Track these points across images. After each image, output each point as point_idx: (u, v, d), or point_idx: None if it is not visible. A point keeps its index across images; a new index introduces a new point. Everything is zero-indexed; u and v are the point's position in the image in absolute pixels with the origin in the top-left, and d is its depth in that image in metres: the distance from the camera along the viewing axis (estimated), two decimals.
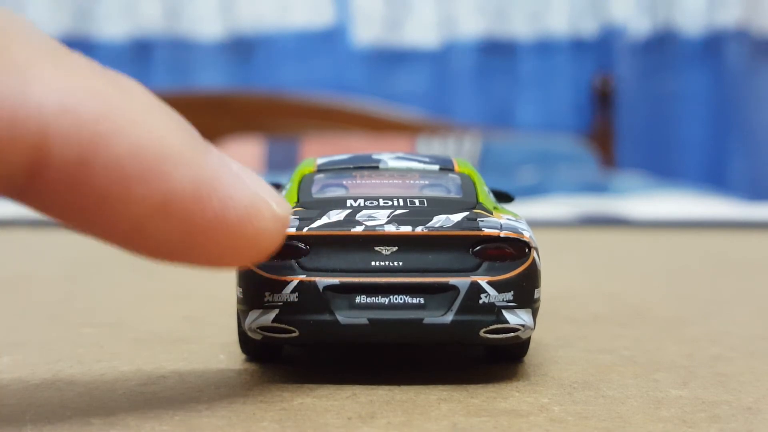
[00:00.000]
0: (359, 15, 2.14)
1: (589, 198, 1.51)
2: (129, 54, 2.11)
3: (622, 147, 2.14)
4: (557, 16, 2.15)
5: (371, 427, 0.28)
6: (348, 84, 2.13)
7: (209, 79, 2.14)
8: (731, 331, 0.47)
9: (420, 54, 2.15)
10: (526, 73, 2.16)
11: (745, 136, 2.10)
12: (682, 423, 0.29)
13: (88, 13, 2.11)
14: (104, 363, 0.37)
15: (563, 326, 0.47)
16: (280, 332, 0.33)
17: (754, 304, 0.59)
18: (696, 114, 2.13)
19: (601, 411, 0.30)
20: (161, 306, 0.53)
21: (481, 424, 0.29)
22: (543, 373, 0.36)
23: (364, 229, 0.33)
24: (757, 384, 0.35)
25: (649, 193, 1.61)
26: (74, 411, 0.30)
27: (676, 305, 0.58)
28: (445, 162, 0.40)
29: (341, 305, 0.32)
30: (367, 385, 0.33)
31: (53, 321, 0.49)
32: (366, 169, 0.39)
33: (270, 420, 0.29)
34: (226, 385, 0.33)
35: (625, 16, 2.13)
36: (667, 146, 2.14)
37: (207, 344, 0.41)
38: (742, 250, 0.99)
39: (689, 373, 0.36)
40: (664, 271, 0.78)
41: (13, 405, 0.30)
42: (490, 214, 0.35)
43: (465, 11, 2.14)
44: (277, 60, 2.15)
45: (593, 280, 0.72)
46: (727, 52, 2.10)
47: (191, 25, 2.13)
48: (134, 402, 0.31)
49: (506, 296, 0.33)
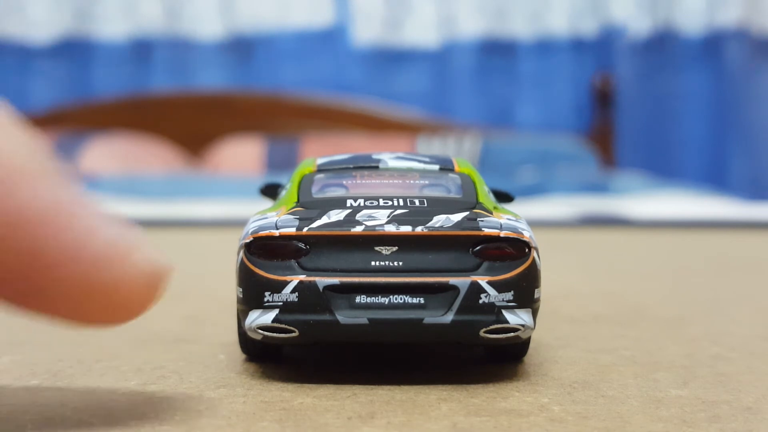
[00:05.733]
0: (359, 15, 2.14)
1: (589, 198, 1.51)
2: (129, 54, 2.11)
3: (622, 147, 2.14)
4: (557, 16, 2.15)
5: (371, 427, 0.28)
6: (348, 84, 2.13)
7: (209, 79, 2.14)
8: (731, 331, 0.47)
9: (420, 54, 2.15)
10: (526, 72, 2.16)
11: (745, 136, 2.10)
12: (682, 423, 0.29)
13: (88, 13, 2.11)
14: (104, 363, 0.37)
15: (563, 326, 0.47)
16: (280, 332, 0.33)
17: (754, 304, 0.59)
18: (696, 114, 2.12)
19: (601, 411, 0.30)
20: (161, 306, 0.53)
21: (481, 424, 0.29)
22: (543, 373, 0.36)
23: (364, 229, 0.33)
24: (757, 384, 0.35)
25: (649, 193, 1.61)
26: (74, 411, 0.30)
27: (676, 305, 0.58)
28: (445, 162, 0.40)
29: (341, 305, 0.32)
30: (367, 385, 0.33)
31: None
32: (366, 169, 0.39)
33: (270, 420, 0.29)
34: (226, 385, 0.33)
35: (625, 16, 2.13)
36: (667, 146, 2.14)
37: (207, 344, 0.41)
38: (742, 250, 0.99)
39: (689, 373, 0.36)
40: (664, 271, 0.78)
41: (13, 405, 0.30)
42: (490, 214, 0.35)
43: (465, 11, 2.14)
44: (277, 60, 2.15)
45: (593, 280, 0.72)
46: (727, 51, 2.10)
47: (191, 25, 2.13)
48: (134, 402, 0.31)
49: (506, 296, 0.33)
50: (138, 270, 0.26)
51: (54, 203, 0.24)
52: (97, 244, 0.25)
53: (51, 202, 0.24)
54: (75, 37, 2.09)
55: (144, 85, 2.09)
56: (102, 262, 0.25)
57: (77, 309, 0.26)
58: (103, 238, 0.25)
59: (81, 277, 0.25)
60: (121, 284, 0.25)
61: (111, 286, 0.25)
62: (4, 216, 0.24)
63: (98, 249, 0.25)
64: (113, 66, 2.10)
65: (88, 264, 0.25)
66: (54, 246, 0.24)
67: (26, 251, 0.24)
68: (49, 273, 0.25)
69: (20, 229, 0.24)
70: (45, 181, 0.24)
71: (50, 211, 0.24)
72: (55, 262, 0.25)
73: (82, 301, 0.25)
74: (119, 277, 0.25)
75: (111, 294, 0.25)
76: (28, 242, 0.24)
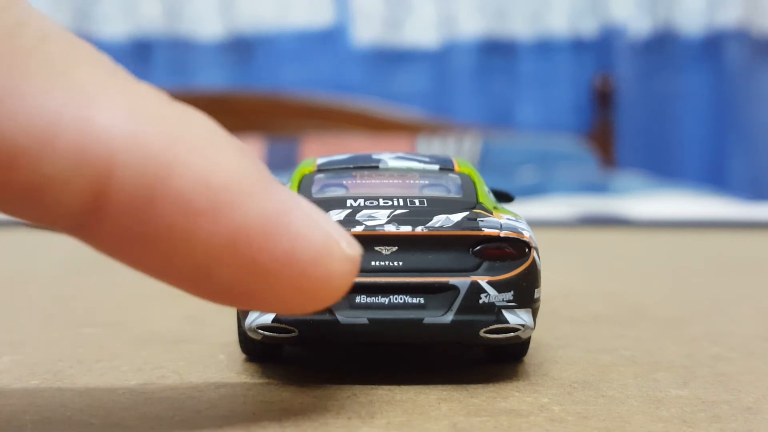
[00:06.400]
0: (359, 15, 2.14)
1: (589, 198, 1.51)
2: (129, 54, 2.11)
3: (622, 147, 2.15)
4: (557, 16, 2.15)
5: (371, 427, 0.28)
6: (348, 84, 2.13)
7: (209, 79, 2.14)
8: (731, 331, 0.47)
9: (420, 54, 2.15)
10: (526, 73, 2.16)
11: (745, 136, 2.10)
12: (682, 423, 0.29)
13: (88, 13, 2.11)
14: (104, 363, 0.37)
15: (563, 326, 0.47)
16: (280, 332, 0.33)
17: (754, 304, 0.59)
18: (696, 114, 2.13)
19: (601, 411, 0.30)
20: (161, 306, 0.53)
21: (481, 424, 0.29)
22: (543, 373, 0.36)
23: (364, 228, 0.33)
24: (757, 384, 0.35)
25: (649, 192, 1.61)
26: (74, 411, 0.30)
27: (676, 305, 0.58)
28: (445, 162, 0.40)
29: (341, 305, 0.32)
30: (367, 385, 0.33)
31: (53, 321, 0.49)
32: (366, 169, 0.39)
33: (270, 420, 0.29)
34: (226, 385, 0.33)
35: (625, 16, 2.13)
36: (667, 146, 2.14)
37: (207, 344, 0.41)
38: (742, 250, 0.99)
39: (689, 373, 0.36)
40: (664, 271, 0.78)
41: (13, 405, 0.30)
42: (490, 213, 0.35)
43: (465, 11, 2.14)
44: (277, 60, 2.15)
45: (593, 280, 0.72)
46: (727, 51, 2.10)
47: (191, 25, 2.13)
48: (134, 402, 0.31)
49: (506, 296, 0.33)
50: (345, 258, 0.26)
51: (269, 214, 0.25)
52: (313, 244, 0.25)
53: (267, 214, 0.24)
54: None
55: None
56: (317, 259, 0.25)
57: (292, 301, 0.26)
58: (317, 236, 0.25)
59: (299, 277, 0.25)
60: (333, 275, 0.26)
61: (325, 279, 0.26)
62: (225, 236, 0.24)
63: (313, 248, 0.25)
64: None
65: (306, 264, 0.25)
66: (272, 255, 0.25)
67: (246, 265, 0.25)
68: (269, 279, 0.25)
69: (239, 246, 0.24)
70: (260, 194, 0.25)
71: (267, 224, 0.24)
72: (274, 269, 0.25)
73: (297, 296, 0.26)
74: (332, 269, 0.26)
75: (324, 285, 0.26)
76: (248, 257, 0.24)
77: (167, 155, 0.23)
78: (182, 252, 0.24)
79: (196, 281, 0.25)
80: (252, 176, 0.25)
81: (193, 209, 0.24)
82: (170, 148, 0.23)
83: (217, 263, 0.24)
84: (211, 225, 0.24)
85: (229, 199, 0.24)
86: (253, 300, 0.26)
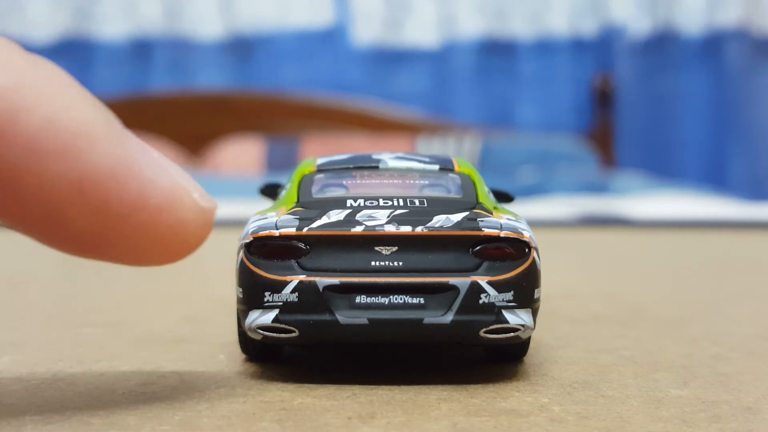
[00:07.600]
0: (359, 15, 2.14)
1: (589, 198, 1.51)
2: (129, 54, 2.11)
3: (622, 147, 2.15)
4: (557, 16, 2.15)
5: (371, 427, 0.28)
6: (348, 84, 2.13)
7: (209, 79, 2.14)
8: (731, 331, 0.47)
9: (420, 54, 2.15)
10: (526, 72, 2.16)
11: (745, 136, 2.10)
12: (682, 423, 0.29)
13: (88, 13, 2.11)
14: (104, 363, 0.37)
15: (563, 326, 0.47)
16: (280, 332, 0.33)
17: (754, 304, 0.59)
18: (696, 114, 2.13)
19: (601, 411, 0.30)
20: (161, 306, 0.53)
21: (481, 424, 0.29)
22: (543, 373, 0.36)
23: (364, 229, 0.33)
24: (757, 384, 0.35)
25: (649, 193, 1.61)
26: (74, 411, 0.30)
27: (676, 305, 0.58)
28: (445, 162, 0.40)
29: (341, 305, 0.32)
30: (367, 385, 0.33)
31: (53, 321, 0.49)
32: (366, 169, 0.39)
33: (270, 420, 0.29)
34: (226, 385, 0.33)
35: (625, 16, 2.13)
36: (667, 146, 2.14)
37: (207, 344, 0.41)
38: (742, 250, 0.99)
39: (689, 373, 0.36)
40: (664, 271, 0.78)
41: (13, 405, 0.30)
42: (490, 214, 0.35)
43: (465, 11, 2.14)
44: (277, 60, 2.15)
45: (593, 280, 0.72)
46: (727, 52, 2.10)
47: (191, 25, 2.13)
48: (134, 402, 0.31)
49: (506, 296, 0.33)
50: (197, 208, 0.27)
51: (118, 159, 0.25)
52: (162, 191, 0.26)
53: (116, 159, 0.25)
54: (75, 37, 2.09)
55: (144, 85, 2.09)
56: (167, 206, 0.26)
57: (142, 252, 0.27)
58: (166, 183, 0.26)
59: (148, 224, 0.26)
60: (184, 225, 0.27)
61: (175, 228, 0.27)
62: (74, 178, 0.25)
63: (163, 195, 0.26)
64: (113, 66, 2.10)
65: (155, 210, 0.26)
66: (122, 199, 0.26)
67: (96, 209, 0.25)
68: (119, 225, 0.26)
69: (89, 189, 0.25)
70: (108, 139, 0.25)
71: (116, 168, 0.25)
72: (123, 214, 0.26)
73: (147, 245, 0.27)
74: (182, 218, 0.27)
75: (174, 235, 0.27)
76: (98, 200, 0.25)
77: (13, 98, 0.24)
78: (31, 193, 0.25)
79: (48, 227, 0.26)
80: (101, 124, 0.26)
81: (40, 151, 0.24)
82: (17, 91, 0.24)
83: (67, 207, 0.25)
84: (59, 166, 0.25)
85: (77, 142, 0.25)
86: (105, 248, 0.27)
